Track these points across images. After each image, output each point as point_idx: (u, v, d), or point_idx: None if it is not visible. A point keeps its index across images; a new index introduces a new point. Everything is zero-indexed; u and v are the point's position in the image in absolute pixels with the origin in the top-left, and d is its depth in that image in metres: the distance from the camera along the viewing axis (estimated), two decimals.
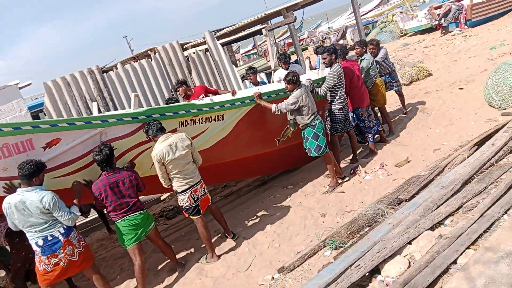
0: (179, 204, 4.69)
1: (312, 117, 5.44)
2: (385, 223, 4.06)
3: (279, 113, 5.35)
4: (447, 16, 16.05)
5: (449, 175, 4.57)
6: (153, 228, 4.62)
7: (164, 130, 4.45)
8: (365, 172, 5.97)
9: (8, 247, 4.95)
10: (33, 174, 3.76)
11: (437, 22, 16.74)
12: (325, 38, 26.09)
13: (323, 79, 6.05)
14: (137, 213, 4.37)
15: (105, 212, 5.90)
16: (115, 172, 4.26)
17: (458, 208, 4.01)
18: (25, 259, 4.71)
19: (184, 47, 14.83)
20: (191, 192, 4.55)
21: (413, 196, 4.48)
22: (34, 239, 3.90)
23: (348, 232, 4.23)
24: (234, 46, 39.64)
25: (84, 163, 4.35)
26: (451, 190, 4.26)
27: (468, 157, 4.93)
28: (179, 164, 4.40)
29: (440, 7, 17.24)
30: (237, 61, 29.58)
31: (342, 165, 6.54)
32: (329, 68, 5.98)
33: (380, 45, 7.55)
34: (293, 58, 14.61)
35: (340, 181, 5.89)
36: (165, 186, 4.60)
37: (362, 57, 6.84)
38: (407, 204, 4.34)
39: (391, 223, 4.01)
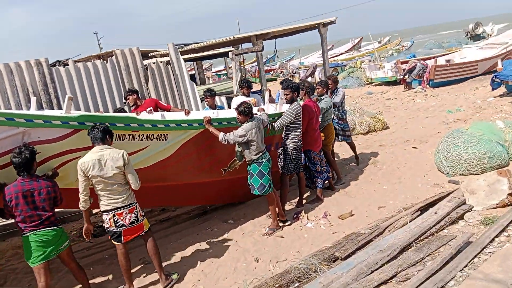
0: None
1: (260, 154, 5.19)
2: (316, 281, 3.81)
3: (226, 143, 5.06)
4: (412, 73, 16.58)
5: (388, 239, 4.42)
6: (66, 247, 4.16)
7: (104, 140, 4.02)
8: (307, 219, 5.75)
9: None
10: None
11: (401, 77, 17.28)
12: (295, 72, 26.37)
13: (279, 115, 5.86)
14: (49, 228, 3.92)
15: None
16: (32, 180, 3.82)
17: (392, 277, 3.82)
18: None
19: (151, 54, 14.46)
20: (114, 215, 4.11)
21: (349, 255, 4.26)
22: None
23: (277, 286, 3.93)
24: (207, 63, 39.48)
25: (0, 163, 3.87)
26: (388, 256, 4.09)
27: (409, 221, 4.81)
28: (103, 182, 4.00)
29: (406, 62, 17.86)
30: (207, 79, 29.33)
31: (287, 207, 6.30)
32: (288, 104, 5.80)
33: (339, 87, 7.45)
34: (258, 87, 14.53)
35: (281, 224, 5.63)
36: (81, 206, 4.08)
37: (322, 97, 6.74)
38: (341, 263, 4.12)
39: (322, 282, 3.77)
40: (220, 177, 5.72)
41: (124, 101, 8.06)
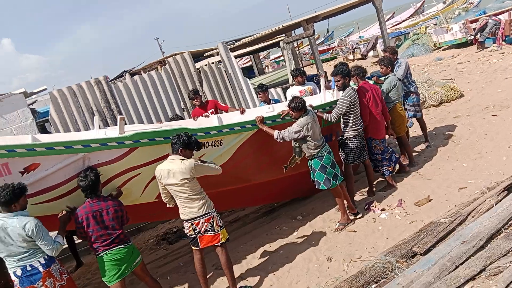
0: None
1: (319, 148, 4.93)
2: (394, 282, 3.51)
3: (281, 141, 4.87)
4: (484, 31, 15.10)
5: (473, 226, 3.96)
6: (140, 263, 4.23)
7: (176, 150, 4.03)
8: (381, 209, 5.39)
9: None
10: (10, 201, 3.51)
11: (472, 37, 15.82)
12: (355, 48, 25.36)
13: (336, 102, 5.53)
14: (120, 246, 4.00)
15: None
16: (99, 200, 3.94)
17: (480, 272, 3.40)
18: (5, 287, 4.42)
19: (206, 54, 14.58)
20: (192, 224, 4.17)
21: (429, 249, 3.89)
22: (12, 268, 3.64)
23: None
24: (264, 52, 39.24)
25: (66, 189, 4.04)
26: (474, 247, 3.66)
27: (496, 204, 4.29)
28: (174, 191, 4.06)
29: (476, 20, 16.31)
30: (266, 67, 29.18)
31: (358, 197, 5.99)
32: (341, 91, 5.45)
33: (399, 58, 6.82)
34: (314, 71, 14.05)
35: (352, 217, 5.34)
36: (168, 206, 4.33)
37: (386, 77, 6.24)
38: (421, 259, 3.76)
39: (401, 283, 3.46)
40: (282, 175, 5.55)
41: (182, 107, 8.19)
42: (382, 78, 6.43)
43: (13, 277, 3.63)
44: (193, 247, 4.33)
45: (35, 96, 9.68)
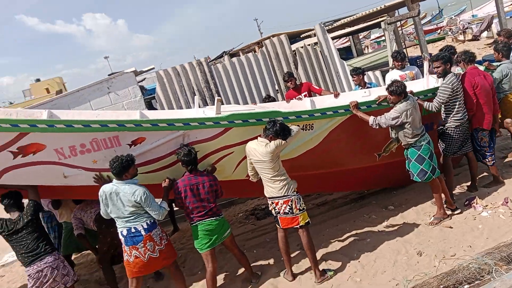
0: None
1: (417, 137, 4.67)
2: (489, 286, 3.28)
3: (377, 127, 4.70)
4: None
5: None
6: (229, 235, 4.51)
7: (268, 136, 4.13)
8: (483, 206, 4.98)
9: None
10: (121, 171, 3.93)
11: None
12: (466, 28, 23.24)
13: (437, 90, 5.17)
14: (213, 218, 4.30)
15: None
16: (197, 175, 4.26)
17: None
18: (111, 244, 4.93)
19: (303, 35, 14.47)
20: (272, 202, 4.34)
21: None
22: (120, 228, 4.10)
23: (441, 287, 3.52)
24: (364, 31, 37.71)
25: (167, 163, 4.42)
26: None
27: None
28: (258, 168, 4.26)
29: None
30: (365, 48, 28.10)
31: (457, 192, 5.59)
32: (442, 79, 5.07)
33: None
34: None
35: (449, 212, 5.02)
36: (252, 180, 4.55)
37: (499, 64, 5.67)
38: None
39: (497, 287, 3.22)
40: (374, 162, 5.39)
41: (276, 88, 8.30)
42: (495, 64, 5.84)
43: (120, 236, 4.10)
44: (277, 226, 4.47)
45: (145, 74, 10.50)
